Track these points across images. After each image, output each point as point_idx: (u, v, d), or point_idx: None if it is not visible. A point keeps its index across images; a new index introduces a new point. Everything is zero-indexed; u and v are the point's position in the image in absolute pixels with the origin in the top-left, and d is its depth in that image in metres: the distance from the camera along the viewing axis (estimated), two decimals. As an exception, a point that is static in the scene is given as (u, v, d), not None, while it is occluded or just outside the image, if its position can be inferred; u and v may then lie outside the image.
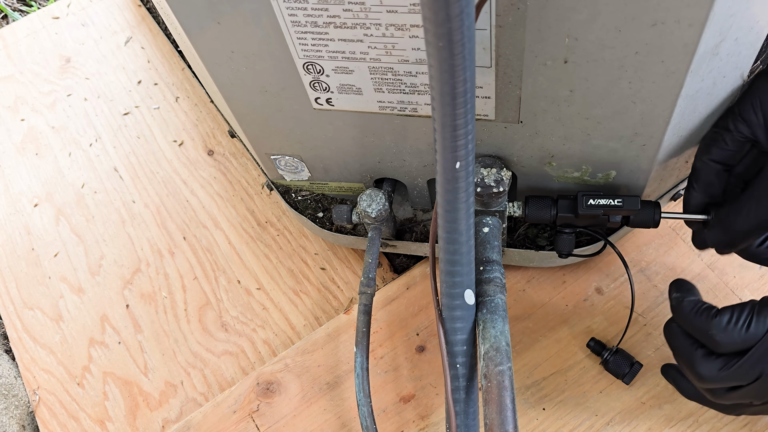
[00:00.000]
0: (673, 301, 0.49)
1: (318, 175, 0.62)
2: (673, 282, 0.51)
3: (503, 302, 0.47)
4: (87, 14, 0.96)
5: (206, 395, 0.66)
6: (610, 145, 0.48)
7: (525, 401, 0.59)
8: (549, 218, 0.53)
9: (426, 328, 0.64)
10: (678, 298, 0.48)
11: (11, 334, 0.72)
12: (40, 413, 0.67)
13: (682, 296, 0.48)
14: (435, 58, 0.31)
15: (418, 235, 0.65)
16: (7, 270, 0.76)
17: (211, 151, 0.81)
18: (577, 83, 0.42)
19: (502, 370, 0.43)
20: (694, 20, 0.36)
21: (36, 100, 0.89)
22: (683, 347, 0.48)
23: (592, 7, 0.37)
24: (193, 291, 0.72)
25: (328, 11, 0.41)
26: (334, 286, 0.70)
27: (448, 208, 0.39)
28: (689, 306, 0.47)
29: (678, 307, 0.48)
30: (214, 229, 0.75)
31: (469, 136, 0.35)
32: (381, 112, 0.50)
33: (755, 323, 0.43)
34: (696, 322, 0.46)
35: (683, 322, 0.48)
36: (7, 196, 0.82)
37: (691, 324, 0.46)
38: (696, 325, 0.46)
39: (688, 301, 0.47)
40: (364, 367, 0.54)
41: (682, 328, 0.48)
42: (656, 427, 0.57)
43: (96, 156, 0.83)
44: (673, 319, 0.49)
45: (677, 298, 0.49)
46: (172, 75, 0.88)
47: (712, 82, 0.44)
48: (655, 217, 0.51)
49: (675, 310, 0.49)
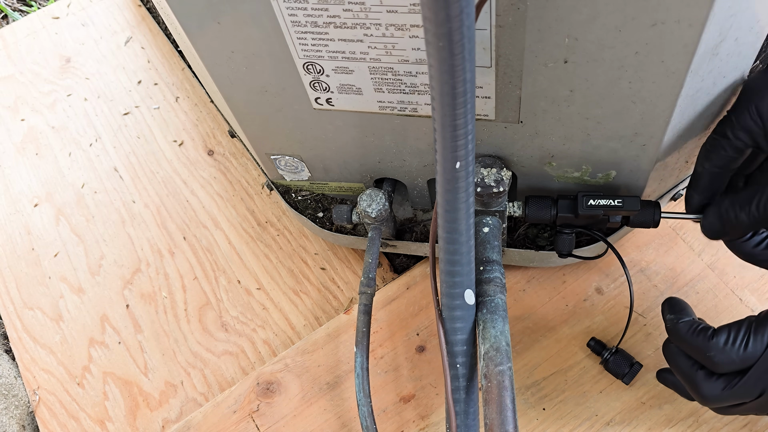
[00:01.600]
0: (668, 323, 0.48)
1: (318, 175, 0.62)
2: (665, 302, 0.50)
3: (503, 302, 0.47)
4: (87, 14, 0.96)
5: (206, 395, 0.66)
6: (610, 145, 0.48)
7: (525, 401, 0.59)
8: (549, 218, 0.53)
9: (426, 328, 0.64)
10: (673, 320, 0.48)
11: (11, 334, 0.72)
12: (40, 413, 0.67)
13: (676, 318, 0.48)
14: (435, 58, 0.31)
15: (418, 235, 0.65)
16: (7, 270, 0.76)
17: (211, 151, 0.81)
18: (577, 83, 0.42)
19: (502, 370, 0.43)
20: (694, 20, 0.36)
21: (36, 100, 0.89)
22: (684, 368, 0.47)
23: (592, 7, 0.37)
24: (193, 291, 0.72)
25: (328, 11, 0.41)
26: (334, 286, 0.70)
27: (448, 208, 0.39)
28: (685, 328, 0.46)
29: (674, 329, 0.47)
30: (214, 229, 0.75)
31: (469, 136, 0.35)
32: (381, 112, 0.50)
33: (753, 341, 0.43)
34: (694, 343, 0.45)
35: (681, 344, 0.47)
36: (7, 196, 0.82)
37: (689, 346, 0.46)
38: (694, 347, 0.45)
39: (684, 322, 0.47)
40: (364, 367, 0.54)
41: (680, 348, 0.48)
42: (656, 427, 0.57)
43: (96, 156, 0.83)
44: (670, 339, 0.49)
45: (672, 319, 0.48)
46: (172, 75, 0.88)
47: (712, 82, 0.44)
48: (655, 217, 0.51)
49: (671, 332, 0.48)
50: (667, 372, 0.53)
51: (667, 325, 0.48)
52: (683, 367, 0.47)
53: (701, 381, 0.46)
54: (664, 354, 0.50)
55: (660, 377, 0.54)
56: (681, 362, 0.47)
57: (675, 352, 0.48)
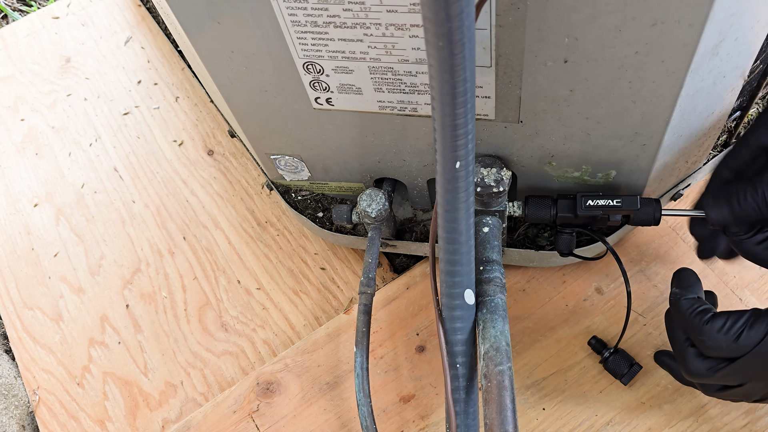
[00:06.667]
0: (672, 296, 0.49)
1: (318, 175, 0.62)
2: (675, 273, 0.51)
3: (503, 302, 0.47)
4: (87, 14, 0.96)
5: (206, 395, 0.66)
6: (610, 145, 0.48)
7: (525, 401, 0.59)
8: (549, 218, 0.53)
9: (426, 328, 0.64)
10: (676, 294, 0.49)
11: (11, 334, 0.72)
12: (40, 413, 0.67)
13: (680, 293, 0.49)
14: (435, 58, 0.31)
15: (418, 235, 0.65)
16: (7, 270, 0.76)
17: (211, 151, 0.81)
18: (577, 83, 0.42)
19: (502, 370, 0.43)
20: (694, 20, 0.36)
21: (36, 100, 0.89)
22: (677, 341, 0.48)
23: (592, 7, 0.37)
24: (193, 291, 0.72)
25: (328, 11, 0.41)
26: (334, 286, 0.70)
27: (448, 208, 0.39)
28: (686, 305, 0.47)
29: (675, 304, 0.49)
30: (214, 229, 0.75)
31: (469, 136, 0.35)
32: (381, 111, 0.50)
33: (746, 334, 0.43)
34: (690, 323, 0.46)
35: (678, 320, 0.48)
36: (7, 196, 0.82)
37: (685, 324, 0.47)
38: (689, 325, 0.46)
39: (686, 299, 0.48)
40: (364, 367, 0.54)
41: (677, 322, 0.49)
42: (656, 427, 0.57)
43: (96, 156, 0.83)
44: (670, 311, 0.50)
45: (675, 293, 0.49)
46: (172, 75, 0.88)
47: (712, 81, 0.44)
48: (656, 215, 0.51)
49: (672, 306, 0.49)
50: (663, 354, 0.55)
51: (670, 298, 0.50)
52: (677, 340, 0.48)
53: (690, 357, 0.47)
54: (665, 319, 0.51)
55: (657, 359, 0.56)
56: (676, 334, 0.49)
57: (672, 324, 0.49)
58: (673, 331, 0.49)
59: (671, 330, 0.49)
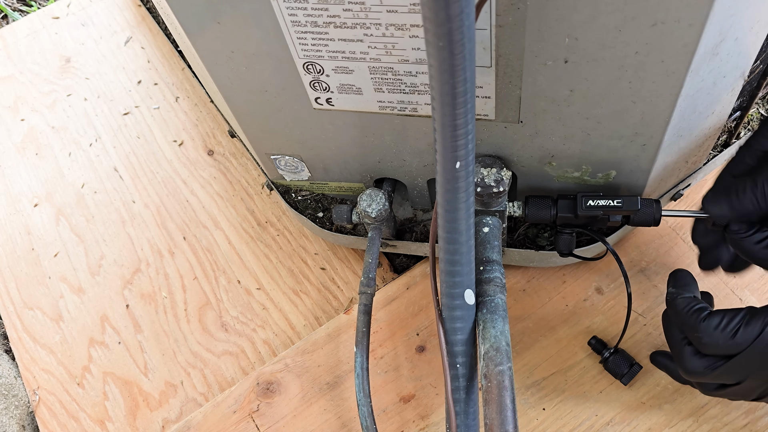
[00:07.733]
0: (668, 295, 0.50)
1: (318, 175, 0.62)
2: (671, 273, 0.52)
3: (503, 302, 0.47)
4: (87, 14, 0.96)
5: (206, 395, 0.66)
6: (610, 145, 0.48)
7: (525, 401, 0.59)
8: (549, 218, 0.53)
9: (426, 328, 0.64)
10: (672, 294, 0.49)
11: (11, 334, 0.72)
12: (40, 413, 0.67)
13: (677, 292, 0.49)
14: (435, 58, 0.31)
15: (418, 235, 0.65)
16: (7, 270, 0.76)
17: (211, 151, 0.81)
18: (577, 83, 0.42)
19: (502, 370, 0.43)
20: (694, 20, 0.36)
21: (36, 100, 0.89)
22: (674, 340, 0.49)
23: (592, 7, 0.37)
24: (193, 291, 0.72)
25: (328, 11, 0.41)
26: (334, 286, 0.70)
27: (448, 208, 0.39)
28: (682, 304, 0.48)
29: (672, 303, 0.49)
30: (214, 229, 0.75)
31: (469, 136, 0.35)
32: (381, 111, 0.50)
33: (742, 332, 0.44)
34: (686, 321, 0.47)
35: (675, 319, 0.49)
36: (7, 196, 0.82)
37: (682, 322, 0.47)
38: (686, 323, 0.47)
39: (682, 298, 0.48)
40: (364, 367, 0.54)
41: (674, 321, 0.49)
42: (656, 427, 0.57)
43: (96, 156, 0.83)
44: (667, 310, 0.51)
45: (672, 293, 0.49)
46: (172, 75, 0.88)
47: (712, 82, 0.44)
48: (656, 216, 0.51)
49: (669, 305, 0.50)
50: (659, 355, 0.55)
51: (666, 297, 0.50)
52: (674, 339, 0.49)
53: (687, 355, 0.47)
54: (662, 319, 0.51)
55: (653, 359, 0.56)
56: (673, 333, 0.49)
57: (669, 323, 0.50)
58: (670, 331, 0.49)
59: (668, 329, 0.50)
